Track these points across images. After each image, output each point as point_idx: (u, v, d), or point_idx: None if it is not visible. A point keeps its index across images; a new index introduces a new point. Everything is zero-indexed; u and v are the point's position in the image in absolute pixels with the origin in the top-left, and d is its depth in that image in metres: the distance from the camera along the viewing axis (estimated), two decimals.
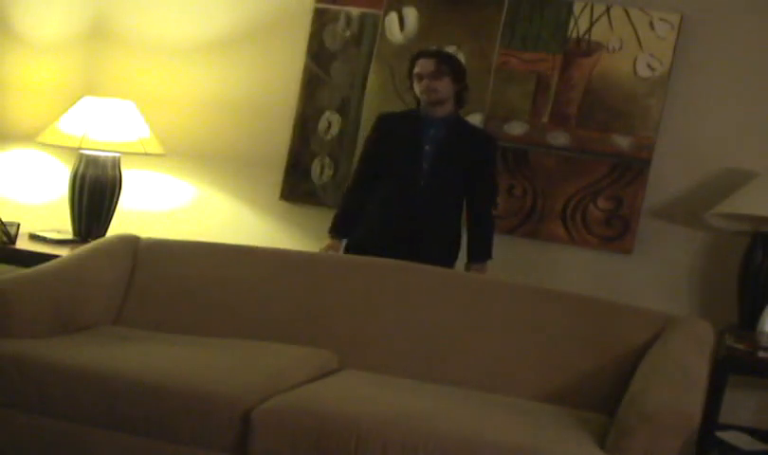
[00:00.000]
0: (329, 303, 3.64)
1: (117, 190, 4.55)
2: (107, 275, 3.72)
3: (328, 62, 4.69)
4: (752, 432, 3.99)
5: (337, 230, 4.12)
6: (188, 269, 3.80)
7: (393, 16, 4.63)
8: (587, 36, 4.40)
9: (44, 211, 4.78)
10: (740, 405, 4.18)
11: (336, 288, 3.66)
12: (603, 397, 3.26)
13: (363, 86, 4.63)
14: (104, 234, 4.52)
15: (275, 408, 2.93)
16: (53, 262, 3.68)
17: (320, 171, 4.67)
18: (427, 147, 4.00)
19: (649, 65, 4.33)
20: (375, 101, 4.59)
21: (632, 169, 4.33)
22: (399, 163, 4.02)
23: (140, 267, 3.81)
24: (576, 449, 2.77)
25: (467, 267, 4.05)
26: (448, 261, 4.04)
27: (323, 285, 3.68)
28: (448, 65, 4.01)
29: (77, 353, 3.19)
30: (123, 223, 4.65)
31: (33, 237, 4.48)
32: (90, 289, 3.65)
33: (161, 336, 3.52)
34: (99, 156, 4.48)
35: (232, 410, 2.92)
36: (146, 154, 4.59)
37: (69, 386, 3.06)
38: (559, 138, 4.42)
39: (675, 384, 2.89)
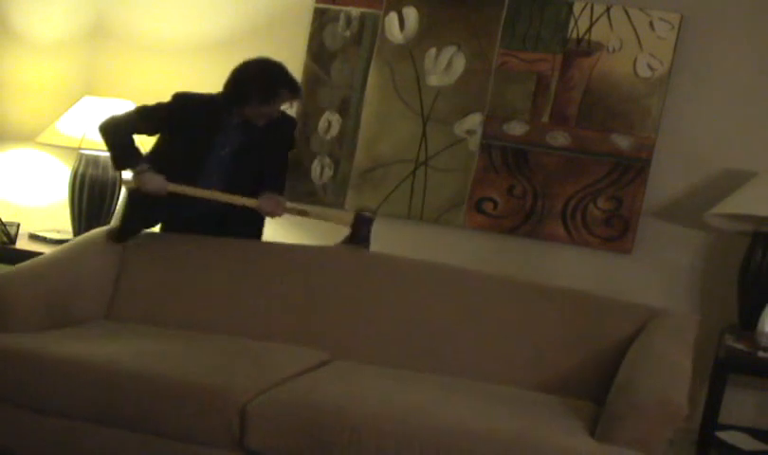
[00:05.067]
0: (321, 295, 3.65)
1: (117, 190, 4.55)
2: (97, 269, 3.73)
3: (328, 62, 4.69)
4: (752, 432, 3.99)
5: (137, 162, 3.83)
6: (177, 263, 3.81)
7: (392, 16, 4.63)
8: (587, 36, 4.40)
9: (44, 212, 4.78)
10: (740, 405, 4.18)
11: (328, 281, 3.68)
12: (591, 386, 3.31)
13: (363, 86, 4.63)
14: None
15: (271, 401, 2.95)
16: (42, 257, 3.68)
17: (320, 171, 4.66)
18: (224, 151, 3.90)
19: (649, 65, 4.33)
20: (375, 101, 4.60)
21: (632, 169, 4.33)
22: (193, 153, 3.86)
23: (129, 261, 3.82)
24: (567, 437, 2.81)
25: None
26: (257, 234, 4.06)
27: (314, 278, 3.69)
28: (296, 98, 4.06)
29: (70, 348, 3.20)
30: None
31: (33, 237, 4.49)
32: (81, 284, 3.66)
33: (153, 331, 3.53)
34: (99, 156, 4.48)
35: (228, 405, 2.94)
36: None
37: (63, 381, 3.07)
38: (559, 138, 4.42)
39: (661, 375, 2.93)
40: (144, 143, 4.02)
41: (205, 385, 3.00)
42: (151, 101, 3.90)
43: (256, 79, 3.82)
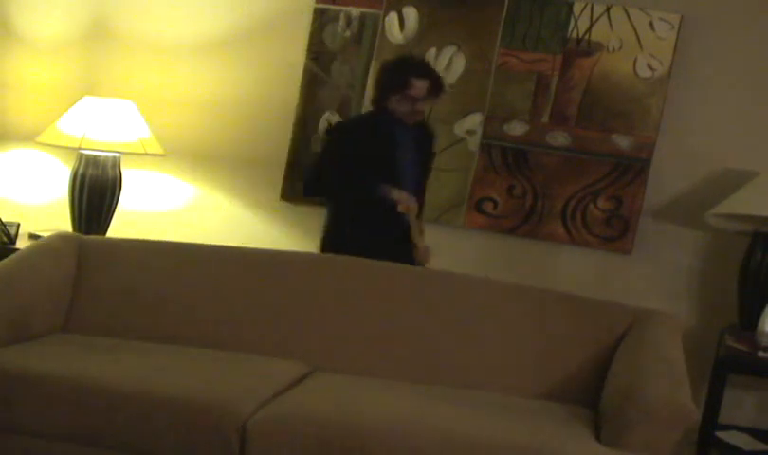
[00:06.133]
0: (295, 303, 3.49)
1: (117, 190, 4.55)
2: (53, 278, 3.51)
3: (328, 62, 4.68)
4: (752, 432, 3.99)
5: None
6: (136, 271, 3.60)
7: (393, 16, 4.63)
8: (587, 36, 4.40)
9: (44, 211, 4.78)
10: (740, 405, 4.19)
11: (303, 288, 3.52)
12: (581, 390, 3.26)
13: (363, 86, 4.62)
14: (104, 234, 4.52)
15: (271, 417, 2.82)
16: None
17: None
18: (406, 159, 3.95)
19: (649, 65, 4.33)
20: None
21: (632, 169, 4.33)
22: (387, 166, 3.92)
23: (86, 269, 3.60)
24: (577, 445, 2.76)
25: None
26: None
27: (288, 285, 3.52)
28: (438, 88, 3.90)
29: (43, 365, 3.00)
30: (123, 223, 4.65)
31: (33, 237, 4.48)
32: (38, 295, 3.43)
33: (122, 344, 3.35)
34: (99, 156, 4.48)
35: (225, 421, 2.79)
36: (146, 154, 4.59)
37: (39, 399, 2.90)
38: (559, 138, 4.42)
39: (668, 378, 2.90)
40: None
41: (199, 400, 2.83)
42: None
43: (388, 69, 3.96)
